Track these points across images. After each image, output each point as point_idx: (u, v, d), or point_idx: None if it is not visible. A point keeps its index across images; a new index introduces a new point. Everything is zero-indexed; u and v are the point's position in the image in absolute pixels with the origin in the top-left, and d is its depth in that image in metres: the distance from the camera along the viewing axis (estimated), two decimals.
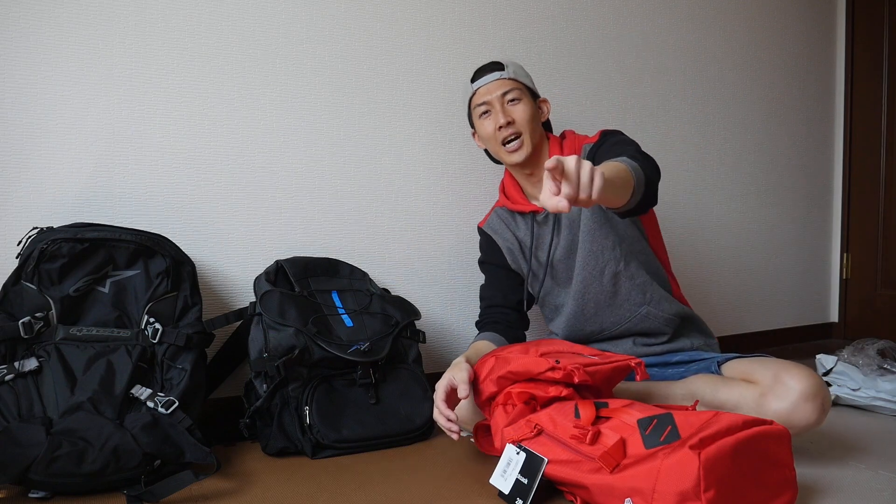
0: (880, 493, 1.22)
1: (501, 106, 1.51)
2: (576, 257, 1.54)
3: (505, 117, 1.49)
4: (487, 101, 1.52)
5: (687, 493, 0.95)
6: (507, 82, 1.52)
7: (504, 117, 1.49)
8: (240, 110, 1.63)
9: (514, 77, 1.53)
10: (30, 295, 1.31)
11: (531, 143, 1.51)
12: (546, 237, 1.58)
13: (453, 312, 1.90)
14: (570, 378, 1.19)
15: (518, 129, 1.50)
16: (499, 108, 1.50)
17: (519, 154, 1.51)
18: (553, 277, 1.60)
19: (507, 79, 1.53)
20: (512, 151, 1.51)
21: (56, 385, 1.26)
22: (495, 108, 1.51)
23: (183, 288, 1.43)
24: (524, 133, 1.50)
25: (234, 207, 1.63)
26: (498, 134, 1.51)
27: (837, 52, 2.81)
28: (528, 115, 1.51)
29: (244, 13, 1.63)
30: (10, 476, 1.10)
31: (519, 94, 1.52)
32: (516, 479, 1.13)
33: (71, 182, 1.47)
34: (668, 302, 1.55)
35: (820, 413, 1.26)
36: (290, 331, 1.44)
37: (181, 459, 1.23)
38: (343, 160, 1.75)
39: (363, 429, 1.44)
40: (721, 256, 2.43)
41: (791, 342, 2.66)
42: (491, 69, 1.54)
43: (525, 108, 1.51)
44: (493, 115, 1.52)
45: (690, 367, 1.49)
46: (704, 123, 2.40)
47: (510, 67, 1.54)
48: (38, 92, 1.44)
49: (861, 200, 2.76)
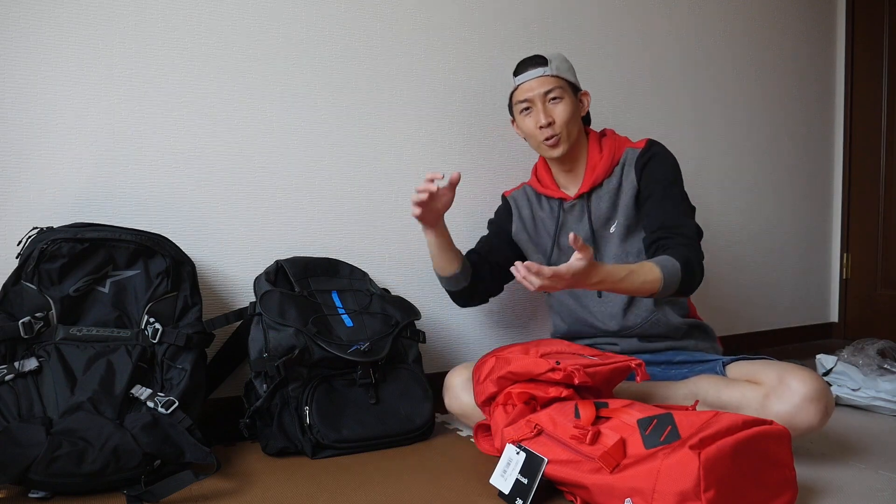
0: (880, 493, 1.22)
1: (543, 105, 1.53)
2: (600, 255, 1.57)
3: (546, 118, 1.52)
4: (529, 99, 1.54)
5: (687, 493, 0.95)
6: (549, 80, 1.53)
7: (545, 118, 1.52)
8: (240, 110, 1.63)
9: (556, 74, 1.54)
10: (30, 295, 1.31)
11: (569, 141, 1.55)
12: (572, 225, 1.61)
13: (453, 312, 1.90)
14: (570, 379, 1.19)
15: (557, 129, 1.53)
16: (540, 108, 1.53)
17: (557, 150, 1.55)
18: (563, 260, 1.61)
19: (550, 76, 1.53)
20: (551, 147, 1.55)
21: (56, 385, 1.26)
22: (537, 106, 1.53)
23: (183, 288, 1.43)
24: (563, 132, 1.53)
25: (234, 207, 1.63)
26: (539, 133, 1.54)
27: (837, 52, 2.81)
28: (569, 114, 1.54)
29: (244, 13, 1.63)
30: (10, 476, 1.10)
31: (560, 92, 1.53)
32: (516, 479, 1.13)
33: (71, 182, 1.47)
34: (680, 313, 1.58)
35: (823, 416, 1.26)
36: (290, 331, 1.44)
37: (181, 459, 1.23)
38: (343, 160, 1.75)
39: (363, 429, 1.44)
40: (721, 256, 2.43)
41: (791, 342, 2.66)
42: (534, 64, 1.54)
43: (566, 107, 1.53)
44: (534, 114, 1.54)
45: (694, 368, 1.49)
46: (704, 123, 2.40)
47: (553, 63, 1.54)
48: (38, 92, 1.44)
49: (861, 200, 2.76)
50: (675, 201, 1.49)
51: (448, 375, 1.56)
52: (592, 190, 1.58)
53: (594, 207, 1.58)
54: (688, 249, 1.41)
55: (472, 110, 1.92)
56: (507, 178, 1.97)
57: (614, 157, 1.57)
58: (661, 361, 1.56)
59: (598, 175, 1.56)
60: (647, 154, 1.54)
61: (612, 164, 1.57)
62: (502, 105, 1.95)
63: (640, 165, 1.53)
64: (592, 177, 1.57)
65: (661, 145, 1.57)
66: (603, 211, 1.57)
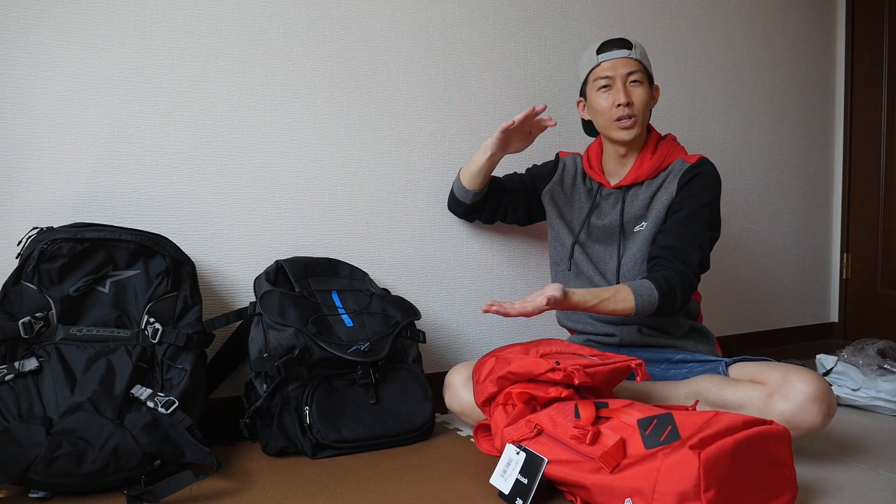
0: (880, 493, 1.22)
1: (624, 85, 1.53)
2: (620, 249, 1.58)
3: (626, 97, 1.52)
4: (610, 77, 1.55)
5: (687, 493, 0.95)
6: (633, 62, 1.54)
7: (625, 97, 1.52)
8: (240, 110, 1.63)
9: (640, 59, 1.55)
10: (30, 295, 1.31)
11: (641, 127, 1.57)
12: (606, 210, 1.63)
13: (453, 312, 1.90)
14: (570, 379, 1.20)
15: (635, 111, 1.53)
16: (620, 87, 1.53)
17: (629, 133, 1.55)
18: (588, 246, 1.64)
19: (634, 59, 1.55)
20: (623, 129, 1.55)
21: (56, 385, 1.26)
22: (617, 85, 1.54)
23: (183, 288, 1.43)
24: (639, 115, 1.54)
25: (234, 207, 1.63)
26: (615, 111, 1.54)
27: (837, 52, 2.81)
28: (645, 100, 1.55)
29: (244, 13, 1.63)
30: (10, 476, 1.10)
31: (641, 76, 1.55)
32: (516, 479, 1.13)
33: (71, 182, 1.47)
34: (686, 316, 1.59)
35: (825, 417, 1.26)
36: (290, 331, 1.44)
37: (181, 459, 1.23)
38: (343, 160, 1.75)
39: (363, 429, 1.44)
40: (721, 256, 2.43)
41: (791, 342, 2.66)
42: (620, 45, 1.56)
43: (644, 92, 1.55)
44: (612, 92, 1.55)
45: (694, 368, 1.50)
46: (704, 123, 2.40)
47: (637, 48, 1.56)
48: (38, 92, 1.44)
49: (861, 200, 2.76)
50: (695, 227, 1.49)
51: (448, 374, 1.56)
52: (632, 185, 1.59)
53: (629, 202, 1.59)
54: (679, 278, 1.43)
55: (473, 110, 1.92)
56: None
57: (664, 162, 1.58)
58: (661, 360, 1.56)
59: (642, 173, 1.57)
60: (694, 171, 1.53)
61: (660, 167, 1.57)
62: (503, 105, 1.95)
63: (684, 181, 1.53)
64: (637, 173, 1.58)
65: (710, 165, 1.56)
66: (636, 209, 1.58)
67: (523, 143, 1.67)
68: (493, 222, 1.85)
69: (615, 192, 1.62)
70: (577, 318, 1.67)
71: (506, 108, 1.96)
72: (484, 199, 1.74)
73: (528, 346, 1.37)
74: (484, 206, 1.76)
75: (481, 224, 1.92)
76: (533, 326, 2.01)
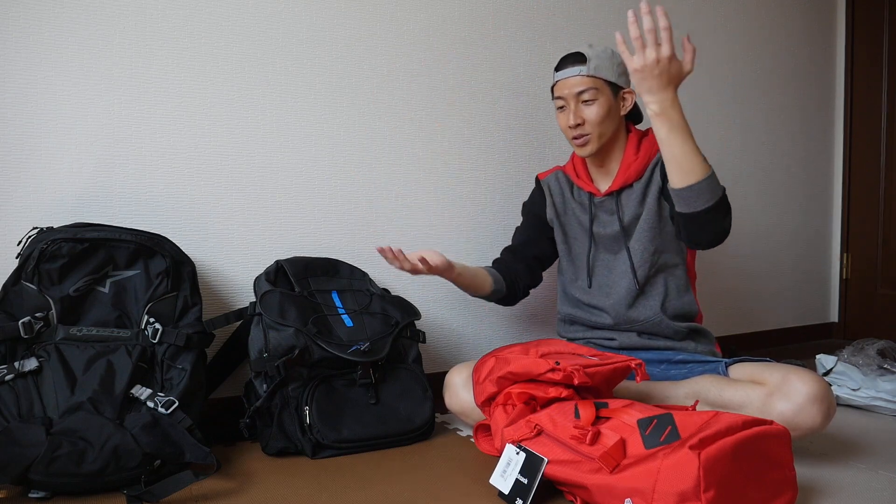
0: (880, 493, 1.22)
1: (575, 105, 1.53)
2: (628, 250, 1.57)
3: (576, 118, 1.52)
4: (563, 97, 1.55)
5: (687, 493, 0.95)
6: (584, 80, 1.52)
7: (574, 118, 1.52)
8: (240, 110, 1.63)
9: (593, 74, 1.52)
10: (30, 295, 1.31)
11: (599, 143, 1.55)
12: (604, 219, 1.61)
13: (453, 312, 1.90)
14: (570, 379, 1.20)
15: (586, 129, 1.53)
16: (572, 108, 1.53)
17: (585, 150, 1.56)
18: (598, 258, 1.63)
19: (586, 76, 1.52)
20: (579, 146, 1.56)
21: (56, 385, 1.26)
22: (570, 106, 1.54)
23: (183, 288, 1.43)
24: (592, 133, 1.54)
25: (234, 207, 1.63)
26: (569, 131, 1.56)
27: (837, 52, 2.81)
28: (601, 116, 1.53)
29: (244, 13, 1.63)
30: (10, 476, 1.10)
31: (594, 94, 1.52)
32: (516, 479, 1.13)
33: (71, 182, 1.47)
34: (683, 318, 1.58)
35: (825, 417, 1.27)
36: (290, 331, 1.44)
37: (181, 459, 1.23)
38: (343, 160, 1.75)
39: (363, 429, 1.44)
40: (721, 256, 2.43)
41: (791, 342, 2.66)
42: (573, 62, 1.53)
43: (598, 108, 1.52)
44: (566, 112, 1.55)
45: (694, 369, 1.50)
46: (704, 124, 2.40)
47: (592, 62, 1.52)
48: (38, 92, 1.44)
49: (861, 200, 2.76)
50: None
51: (448, 374, 1.56)
52: (623, 189, 1.58)
53: (624, 205, 1.58)
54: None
55: (473, 110, 1.92)
56: (507, 179, 1.97)
57: (649, 158, 1.57)
58: (661, 360, 1.56)
59: (629, 175, 1.56)
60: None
61: (647, 165, 1.56)
62: (503, 105, 1.95)
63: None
64: (624, 177, 1.57)
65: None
66: (632, 209, 1.57)
67: (427, 263, 1.49)
68: (542, 276, 1.78)
69: (608, 200, 1.60)
70: (574, 330, 1.67)
71: (506, 109, 1.96)
72: (510, 282, 1.69)
73: (527, 346, 1.37)
74: (515, 282, 1.70)
75: (481, 224, 1.92)
76: (533, 327, 2.01)
